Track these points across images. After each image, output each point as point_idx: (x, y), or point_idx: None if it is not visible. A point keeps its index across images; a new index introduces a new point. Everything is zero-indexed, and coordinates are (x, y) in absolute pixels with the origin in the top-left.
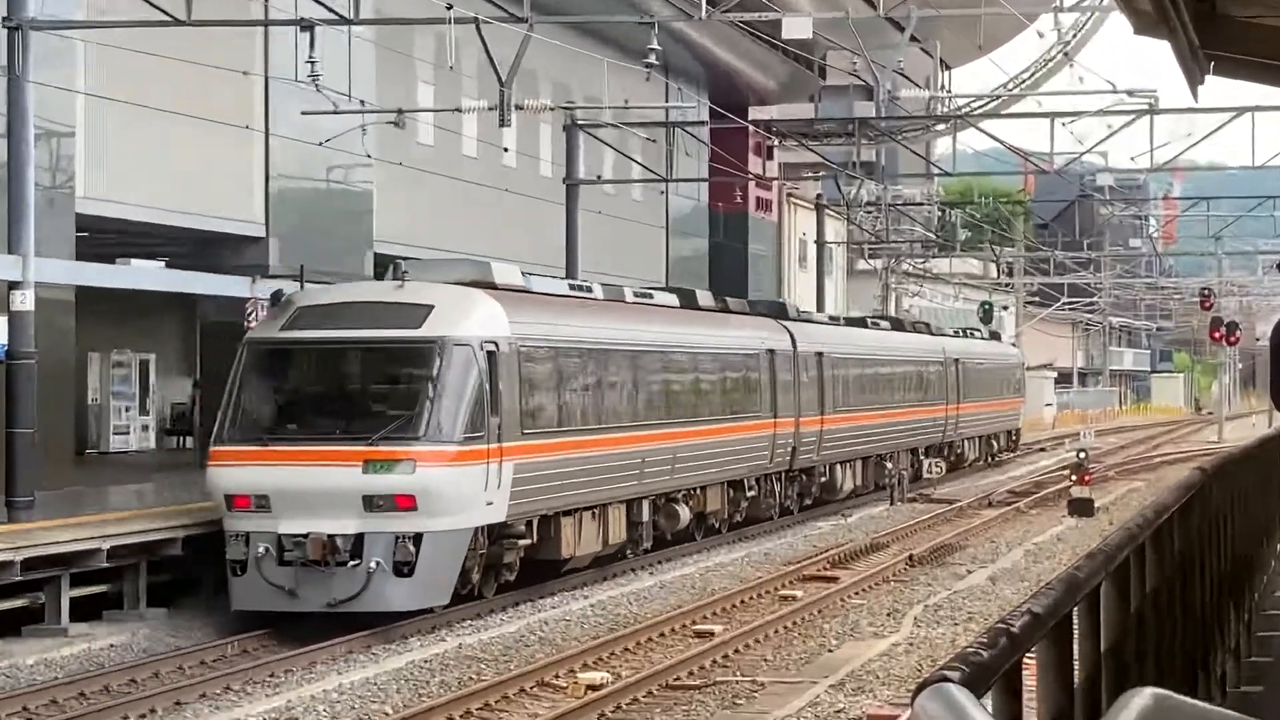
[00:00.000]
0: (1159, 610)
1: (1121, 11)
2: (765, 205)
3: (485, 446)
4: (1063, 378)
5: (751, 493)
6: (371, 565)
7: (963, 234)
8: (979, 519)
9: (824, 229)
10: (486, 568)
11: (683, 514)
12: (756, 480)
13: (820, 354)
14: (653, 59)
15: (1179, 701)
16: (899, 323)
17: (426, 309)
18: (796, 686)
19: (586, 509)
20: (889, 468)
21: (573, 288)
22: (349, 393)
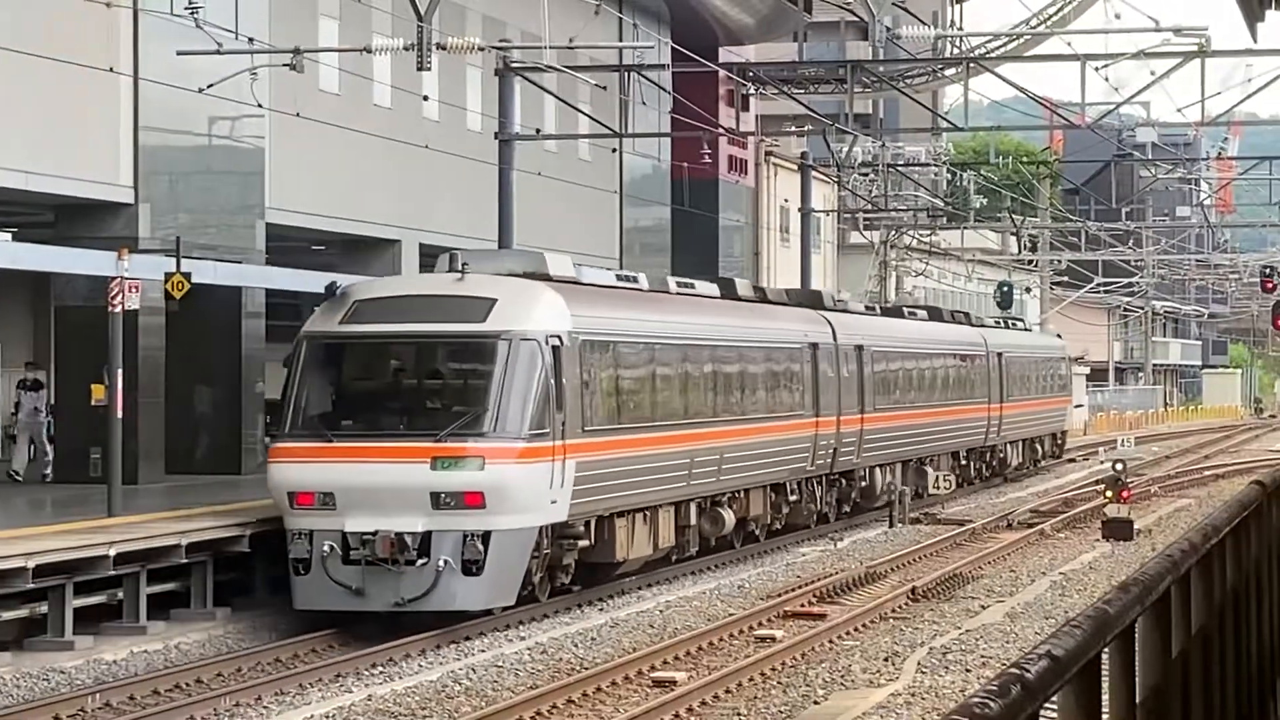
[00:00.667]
0: (1206, 653)
1: None
2: (739, 166)
3: (550, 444)
4: (1096, 374)
5: (794, 497)
6: (440, 564)
7: (977, 201)
8: (995, 543)
9: (810, 195)
10: (546, 569)
11: (727, 519)
12: (798, 484)
13: (860, 347)
14: None
15: None
16: (937, 311)
17: (489, 302)
18: None
19: (638, 511)
20: (890, 480)
21: (619, 278)
22: (413, 388)
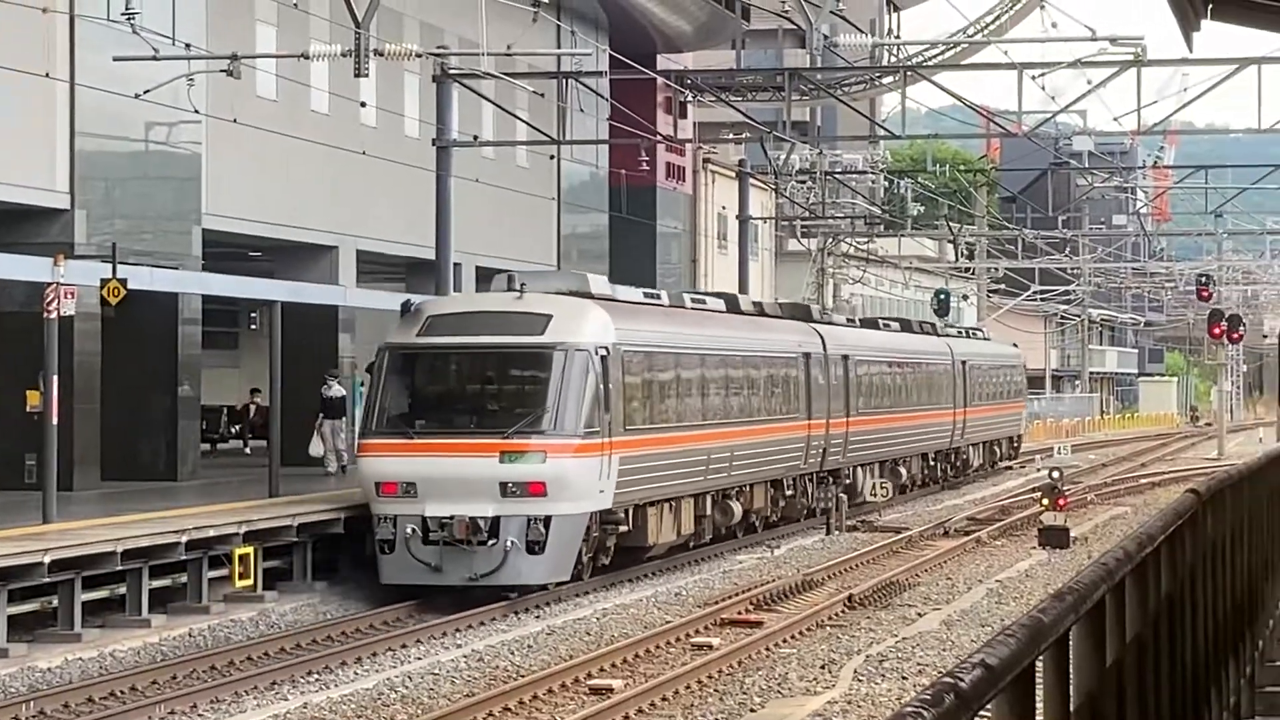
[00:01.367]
0: (1141, 661)
1: None
2: (677, 173)
3: (599, 441)
4: (1033, 382)
5: (790, 492)
6: (508, 544)
7: (914, 209)
8: (932, 551)
9: (747, 202)
10: (593, 550)
11: (736, 510)
12: (793, 480)
13: (846, 356)
14: None
15: None
16: (907, 323)
17: (547, 318)
18: None
19: (666, 501)
20: (830, 488)
21: (646, 295)
22: (483, 392)
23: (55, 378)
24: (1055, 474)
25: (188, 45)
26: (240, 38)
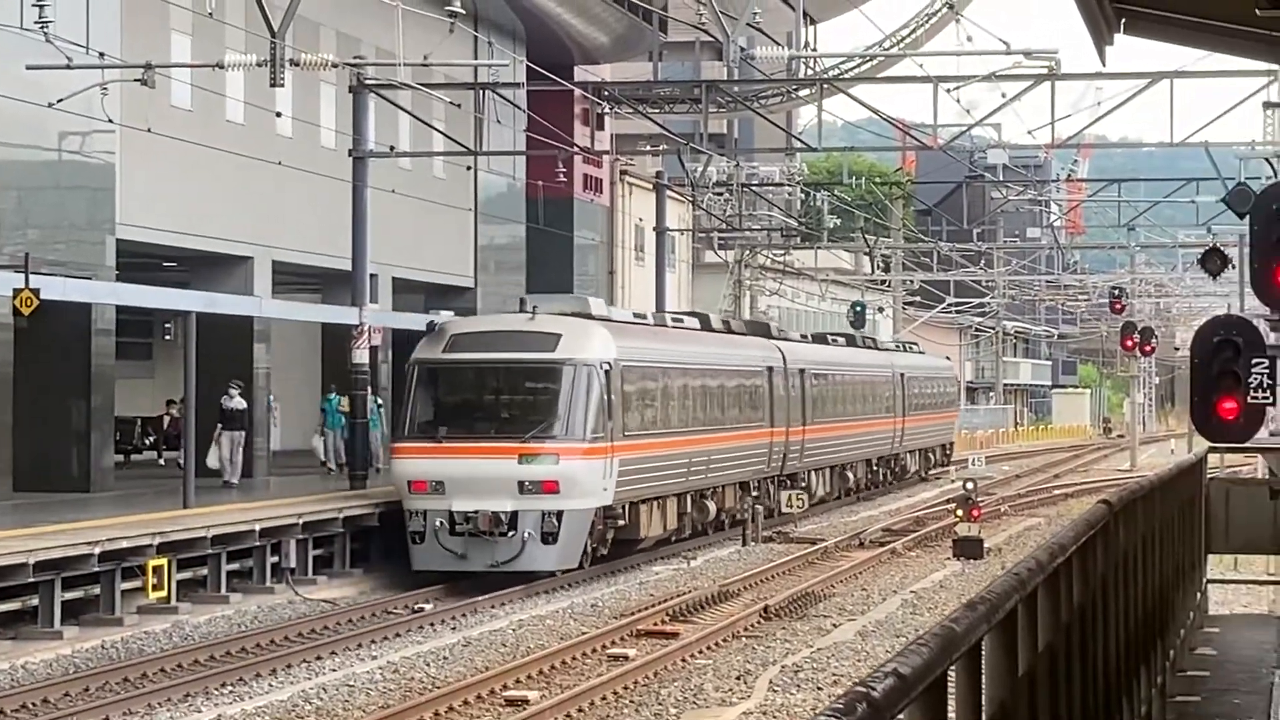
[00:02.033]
0: (1054, 670)
1: None
2: (594, 185)
3: (604, 445)
4: None
5: (755, 494)
6: (525, 535)
7: (830, 221)
8: (848, 562)
9: (665, 214)
10: (596, 542)
11: (711, 508)
12: (758, 483)
13: (803, 370)
14: (458, 5)
15: None
16: (852, 338)
17: (557, 336)
18: None
19: (656, 499)
20: (752, 494)
21: (635, 315)
22: (502, 402)
23: None
24: (969, 485)
25: (101, 54)
26: (155, 47)
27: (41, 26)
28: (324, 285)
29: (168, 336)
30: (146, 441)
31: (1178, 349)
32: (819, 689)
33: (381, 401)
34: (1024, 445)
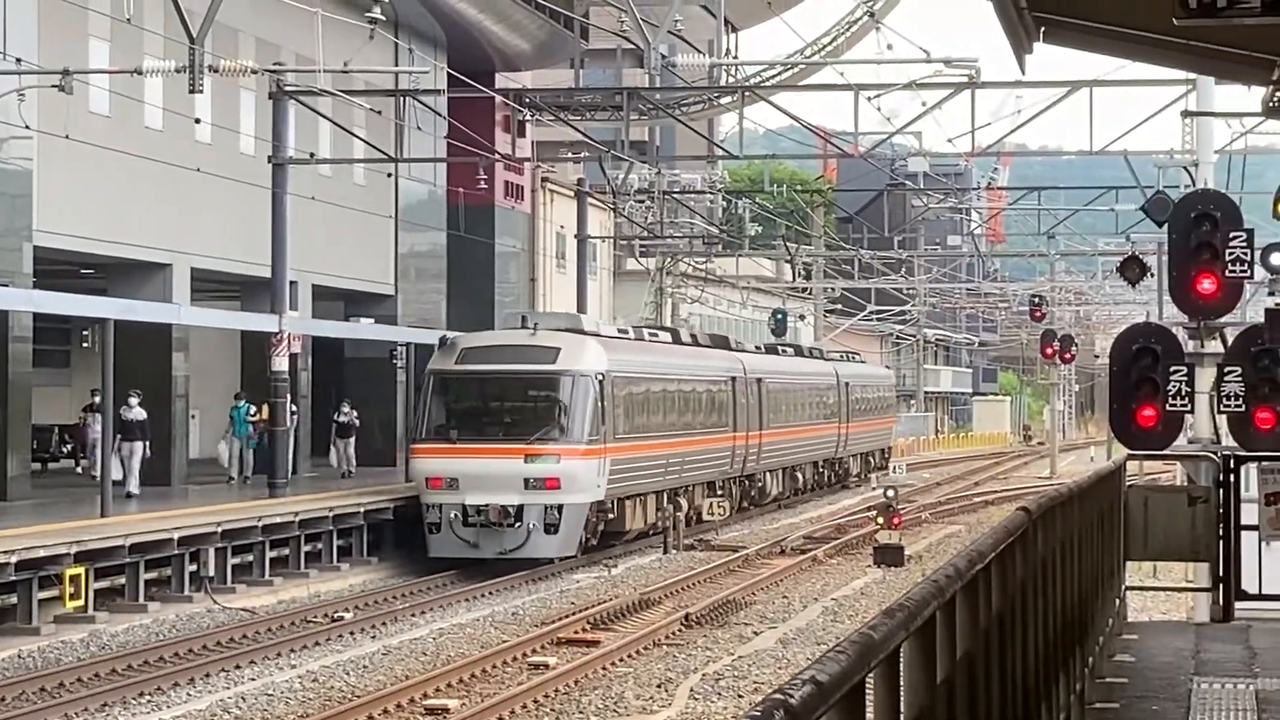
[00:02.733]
0: (972, 678)
1: None
2: (516, 192)
3: (598, 446)
4: None
5: (720, 492)
6: (530, 526)
7: (752, 229)
8: (769, 570)
9: (586, 221)
10: (590, 533)
11: (683, 504)
12: (723, 482)
13: (760, 379)
14: (377, 12)
15: None
16: (799, 349)
17: (556, 350)
18: None
19: (639, 495)
20: (680, 503)
21: (619, 331)
22: (508, 408)
23: None
24: (890, 493)
25: (18, 60)
26: (73, 53)
27: None
28: (243, 292)
29: (85, 344)
30: (64, 449)
31: (1097, 356)
32: (740, 697)
33: (296, 409)
34: (944, 453)
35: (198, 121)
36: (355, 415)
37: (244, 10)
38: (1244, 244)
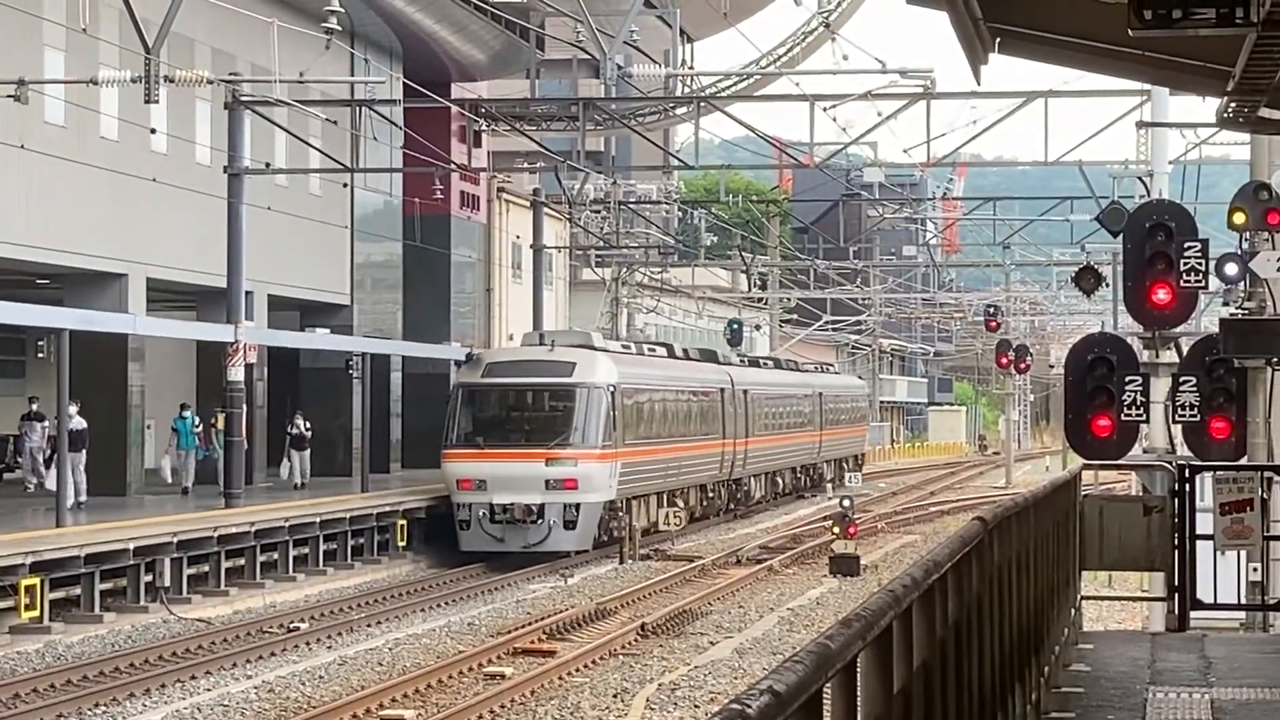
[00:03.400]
0: (929, 687)
1: None
2: (472, 202)
3: (610, 451)
4: None
5: (710, 495)
6: (551, 523)
7: (708, 239)
8: (725, 579)
9: (542, 231)
10: (602, 529)
11: (681, 504)
12: (714, 485)
13: (746, 391)
14: (333, 23)
15: None
16: (778, 362)
17: (572, 364)
18: None
19: (644, 496)
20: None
21: (623, 347)
22: (531, 417)
23: None
24: (846, 502)
25: None
26: (28, 62)
27: None
28: (199, 302)
29: (41, 354)
30: (17, 460)
31: (1052, 366)
32: (696, 707)
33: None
34: (900, 463)
35: (153, 132)
36: (308, 426)
37: (200, 21)
38: (1199, 254)
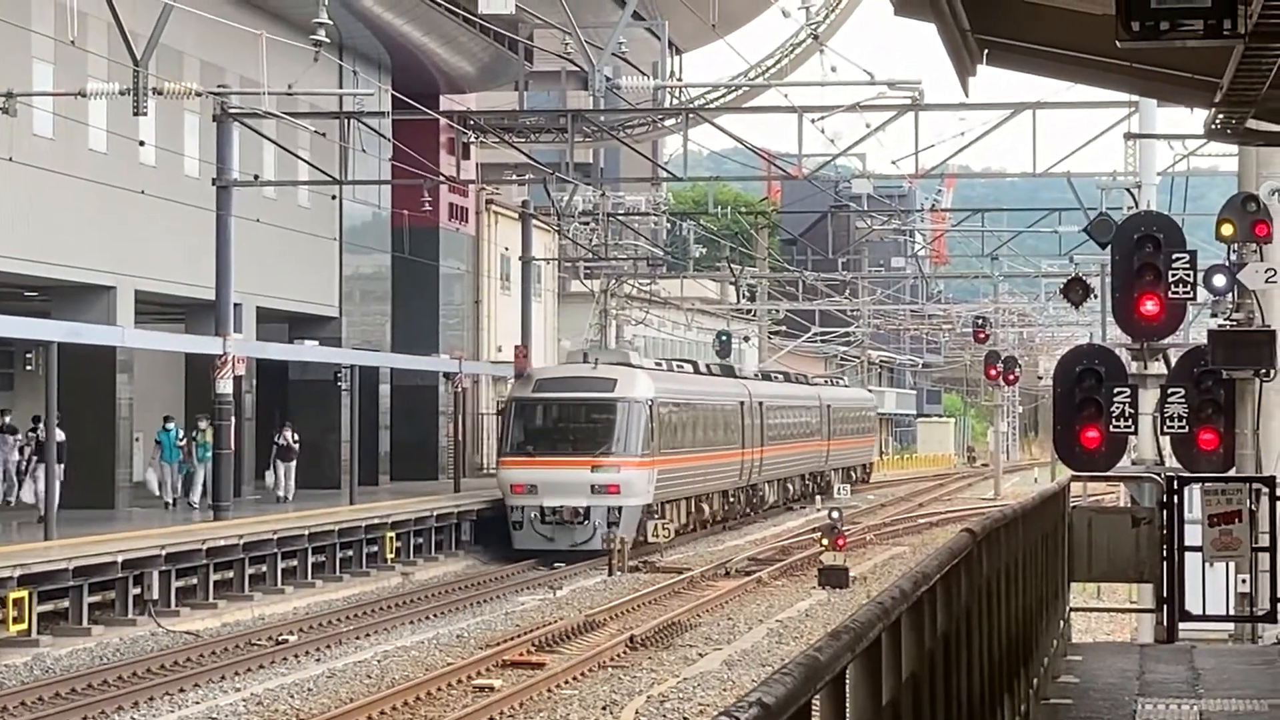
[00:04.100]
0: (917, 699)
1: None
2: (460, 214)
3: (649, 459)
4: None
5: (731, 499)
6: (596, 524)
7: (696, 250)
8: (714, 591)
9: (530, 243)
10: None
11: (706, 509)
12: (734, 491)
13: (761, 403)
14: (322, 35)
15: None
16: (787, 375)
17: (614, 380)
18: None
19: (677, 500)
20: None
21: (656, 364)
22: (578, 428)
23: None
24: (835, 514)
25: None
26: (16, 74)
27: None
28: (187, 315)
29: (29, 366)
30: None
31: (1041, 378)
32: (684, 719)
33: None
34: (889, 474)
35: (142, 144)
36: (295, 438)
37: (188, 33)
38: (1187, 266)
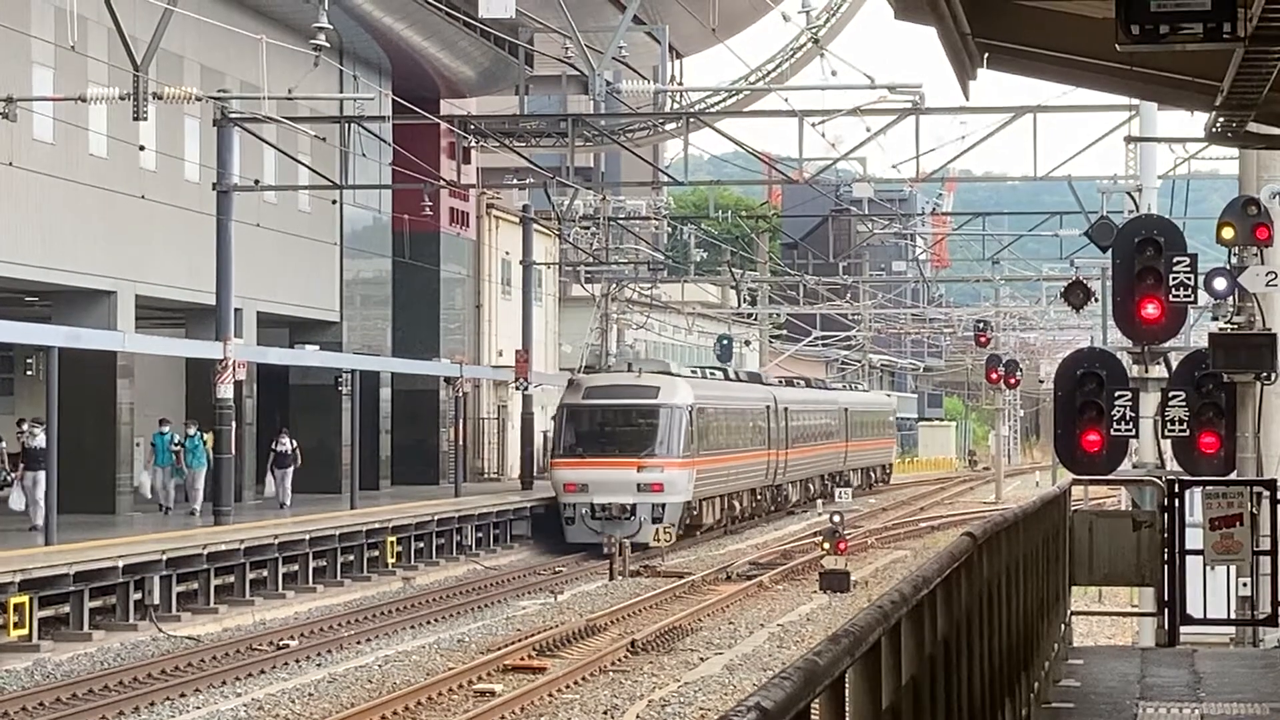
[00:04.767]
0: (917, 703)
1: None
2: (461, 219)
3: (689, 460)
4: None
5: (758, 498)
6: (642, 519)
7: (697, 255)
8: (715, 595)
9: (531, 248)
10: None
11: (736, 506)
12: (761, 489)
13: (786, 408)
14: (322, 39)
15: None
16: (808, 381)
17: (657, 388)
18: None
19: (712, 498)
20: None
21: (692, 371)
22: (625, 431)
23: None
24: (836, 518)
25: None
26: (16, 79)
27: None
28: (188, 320)
29: (30, 371)
30: (9, 478)
31: (1042, 382)
32: None
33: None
34: (891, 477)
35: (142, 149)
36: (293, 445)
37: (188, 38)
38: (1187, 269)
